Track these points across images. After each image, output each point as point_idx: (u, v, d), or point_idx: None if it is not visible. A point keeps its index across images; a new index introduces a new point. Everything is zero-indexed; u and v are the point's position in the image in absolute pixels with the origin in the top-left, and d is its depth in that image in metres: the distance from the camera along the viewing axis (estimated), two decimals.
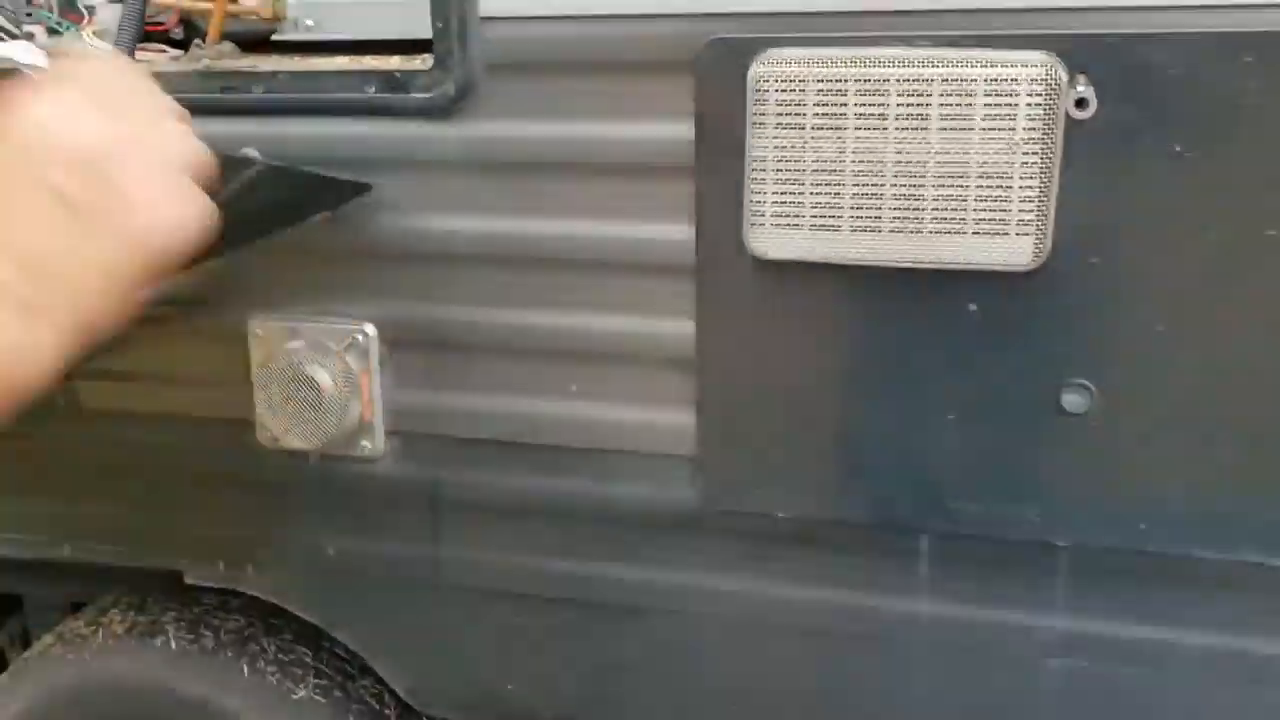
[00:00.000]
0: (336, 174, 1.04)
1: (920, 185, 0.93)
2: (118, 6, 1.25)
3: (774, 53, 0.94)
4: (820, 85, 0.93)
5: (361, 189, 1.05)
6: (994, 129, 0.90)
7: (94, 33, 1.23)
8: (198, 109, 1.10)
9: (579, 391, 1.10)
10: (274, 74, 1.09)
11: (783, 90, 0.93)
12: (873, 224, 0.95)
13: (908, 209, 0.93)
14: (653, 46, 0.98)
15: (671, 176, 1.01)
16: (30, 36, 1.26)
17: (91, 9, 1.26)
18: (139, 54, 1.24)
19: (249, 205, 0.90)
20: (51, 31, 1.27)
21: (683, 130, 0.99)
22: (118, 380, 1.22)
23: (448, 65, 1.03)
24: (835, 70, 0.92)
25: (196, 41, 1.19)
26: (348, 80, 1.07)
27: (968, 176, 0.91)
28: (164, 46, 1.28)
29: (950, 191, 0.92)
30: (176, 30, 1.30)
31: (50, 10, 1.29)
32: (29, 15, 1.30)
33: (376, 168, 1.07)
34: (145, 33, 1.28)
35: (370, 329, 1.12)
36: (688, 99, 0.98)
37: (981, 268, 0.93)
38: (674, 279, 1.04)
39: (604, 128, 1.02)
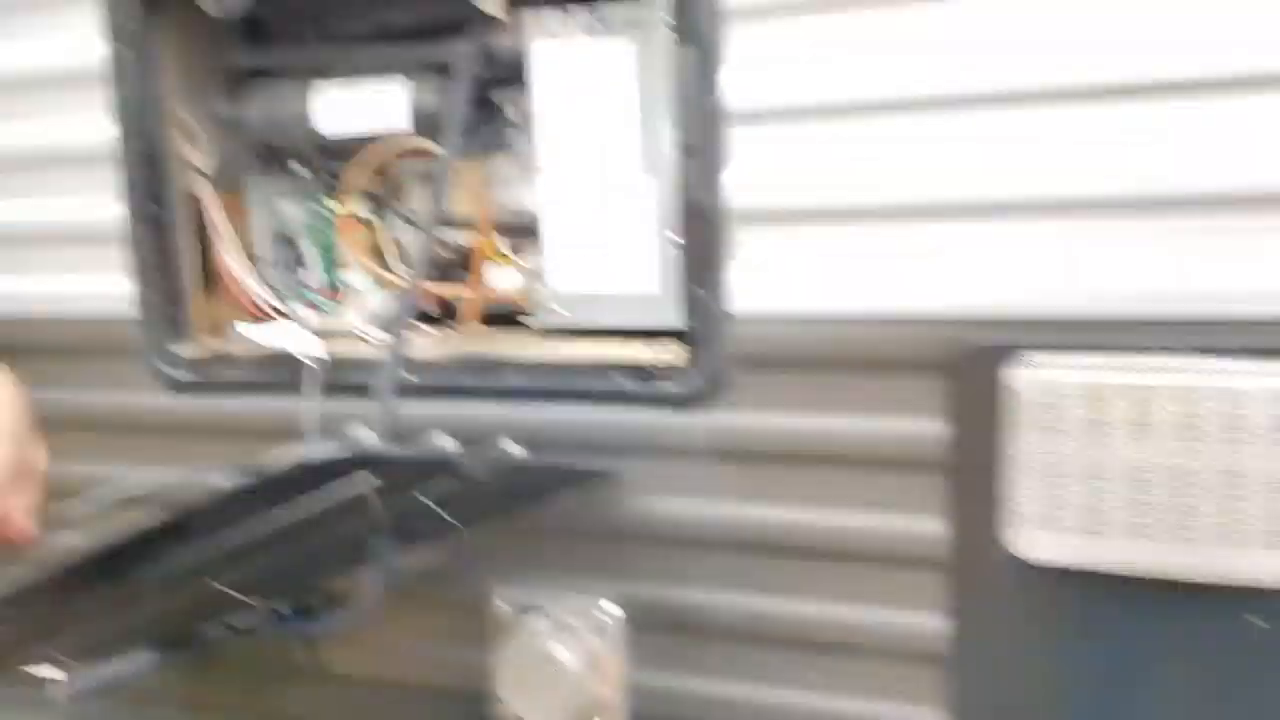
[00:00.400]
0: (582, 463, 1.07)
1: (1194, 495, 0.90)
2: (373, 288, 1.36)
3: (1034, 358, 0.94)
4: (1082, 392, 0.92)
5: (606, 476, 1.08)
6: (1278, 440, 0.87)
7: (356, 312, 1.32)
8: (454, 392, 1.19)
9: (820, 682, 1.08)
10: (528, 363, 1.15)
11: (1043, 396, 0.93)
12: (1142, 532, 0.92)
13: (1181, 518, 0.90)
14: (905, 347, 0.99)
15: (923, 471, 1.00)
16: (293, 316, 1.37)
17: (356, 289, 1.36)
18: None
19: (495, 489, 0.94)
20: (316, 310, 1.38)
21: (935, 427, 0.99)
22: (363, 646, 1.25)
23: (698, 360, 1.07)
24: (1097, 376, 0.91)
25: (451, 323, 1.27)
26: (600, 371, 1.12)
27: (1249, 488, 0.88)
28: (417, 323, 1.36)
29: (1231, 503, 0.89)
30: (431, 307, 1.38)
31: (314, 289, 1.40)
32: (294, 295, 1.41)
33: (624, 453, 1.11)
34: None
35: (613, 608, 1.13)
36: (941, 397, 0.98)
37: (1270, 585, 0.88)
38: (924, 572, 1.02)
39: (853, 422, 1.03)
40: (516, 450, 1.01)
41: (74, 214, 1.32)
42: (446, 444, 0.95)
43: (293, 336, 1.24)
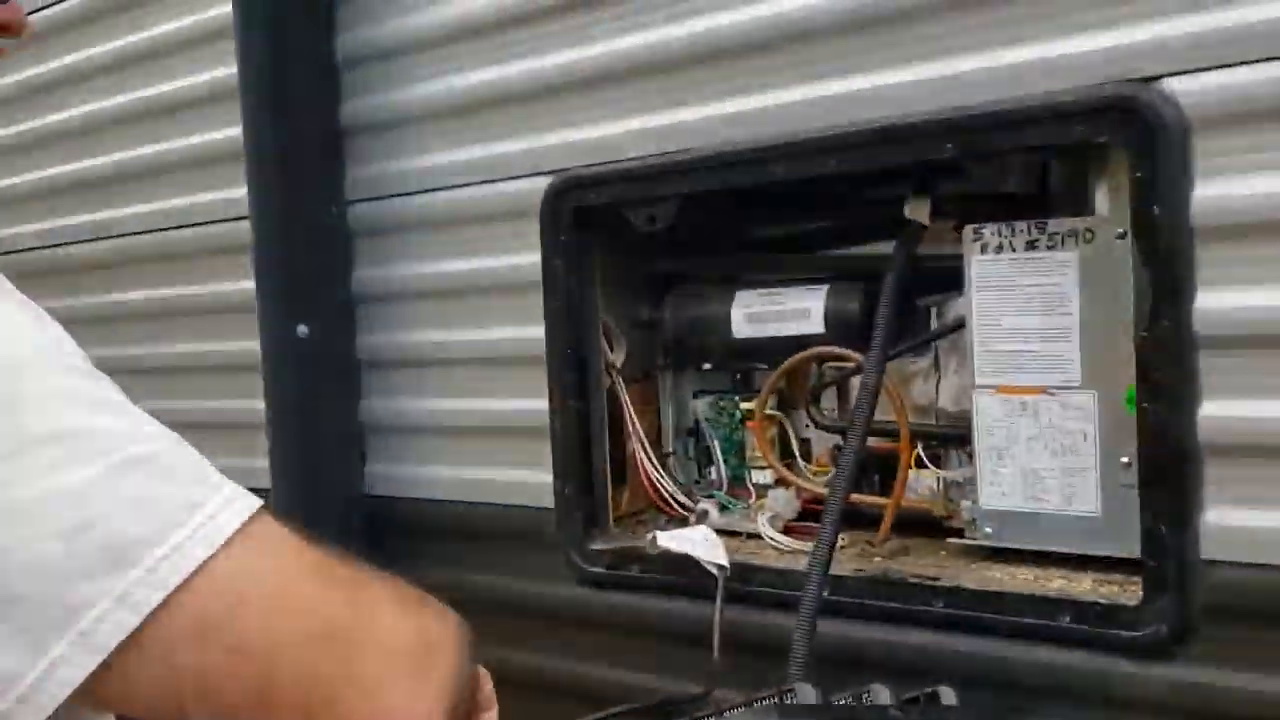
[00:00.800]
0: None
1: None
2: (780, 490, 1.34)
3: None
4: None
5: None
6: None
7: (764, 513, 1.31)
8: (876, 616, 1.13)
9: None
10: (957, 589, 1.08)
11: None
12: None
13: None
14: None
15: None
16: (704, 515, 1.38)
17: (762, 487, 1.36)
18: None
19: None
20: (722, 508, 1.38)
21: None
22: None
23: (1161, 605, 0.96)
24: None
25: (868, 540, 1.22)
26: (1039, 605, 1.03)
27: None
28: (815, 526, 1.33)
29: None
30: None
31: (720, 487, 1.41)
32: (701, 491, 1.42)
33: (1065, 700, 1.00)
34: (802, 509, 1.35)
35: None
36: None
37: None
38: None
39: None
40: (953, 700, 0.94)
41: (506, 407, 1.41)
42: (881, 696, 0.90)
43: (701, 544, 1.24)
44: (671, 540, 1.23)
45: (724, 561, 1.21)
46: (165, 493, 0.60)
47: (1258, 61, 0.90)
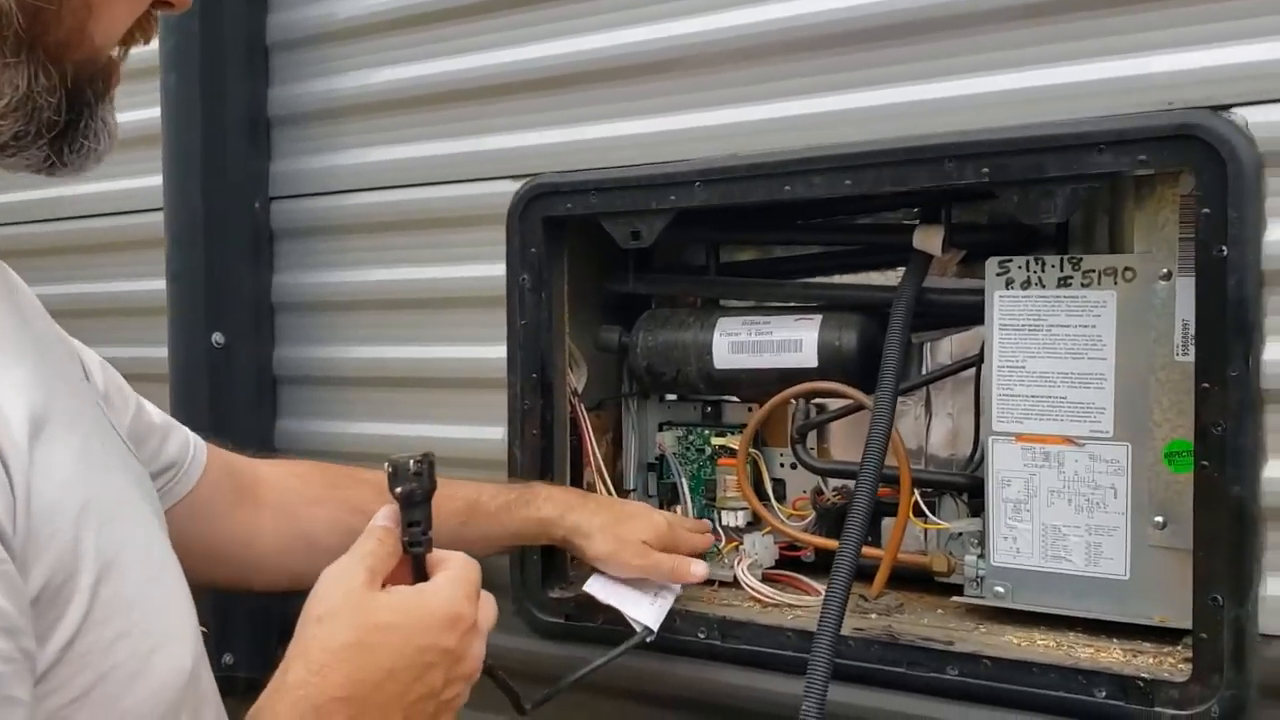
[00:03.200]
0: None
1: None
2: (758, 534, 1.23)
3: None
4: None
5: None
6: None
7: (743, 561, 1.20)
8: (876, 681, 1.03)
9: None
10: (976, 656, 0.98)
11: None
12: None
13: None
14: None
15: None
16: None
17: (737, 531, 1.24)
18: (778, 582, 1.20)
19: None
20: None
21: None
22: None
23: (1214, 682, 0.88)
24: None
25: (861, 595, 1.12)
26: (1070, 676, 0.94)
27: None
28: (795, 575, 1.23)
29: None
30: (808, 555, 1.25)
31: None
32: None
33: None
34: (779, 556, 1.24)
35: None
36: None
37: None
38: None
39: None
40: None
41: (455, 435, 1.27)
42: None
43: (632, 601, 1.11)
44: (602, 589, 1.11)
45: (652, 623, 1.09)
46: None
47: None
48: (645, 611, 1.10)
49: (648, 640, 1.09)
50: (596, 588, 1.11)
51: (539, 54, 1.18)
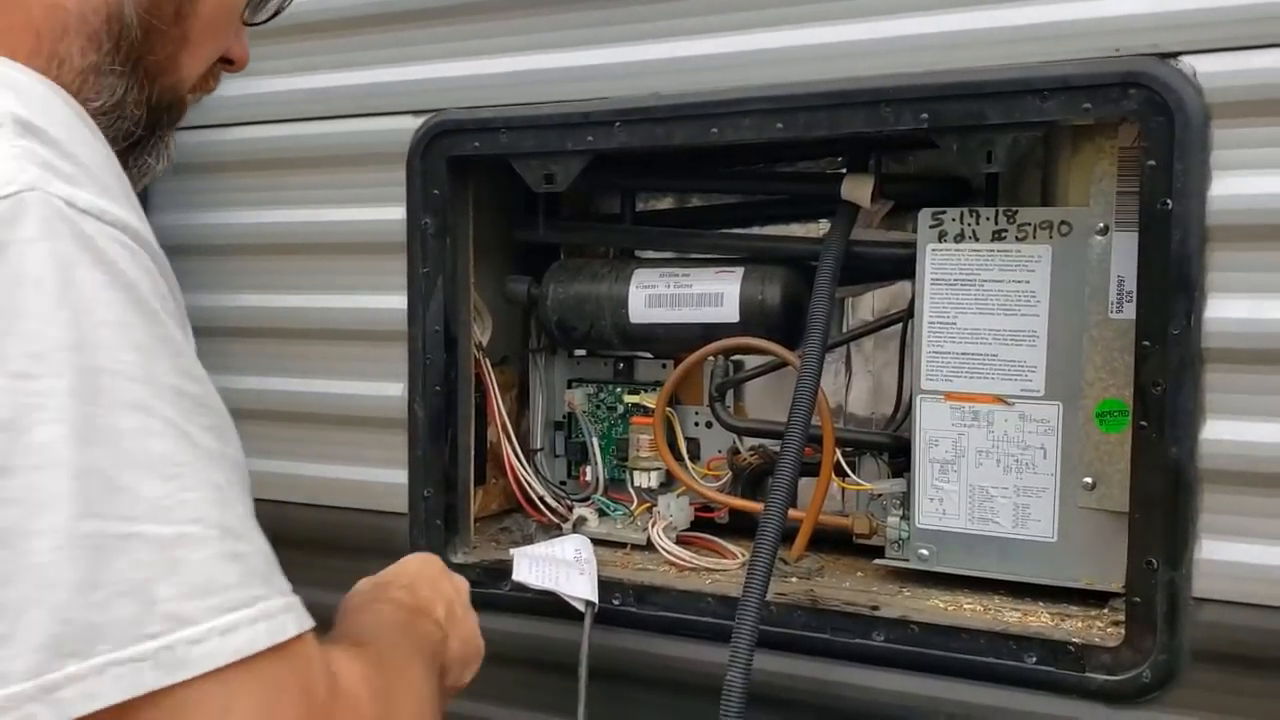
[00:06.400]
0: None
1: None
2: (673, 496, 1.18)
3: None
4: None
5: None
6: None
7: (659, 523, 1.14)
8: (801, 648, 0.99)
9: None
10: (903, 621, 0.95)
11: None
12: None
13: None
14: None
15: None
16: (582, 522, 1.20)
17: (650, 492, 1.19)
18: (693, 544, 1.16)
19: None
20: (600, 514, 1.21)
21: None
22: None
23: (1144, 647, 0.86)
24: None
25: (780, 558, 1.08)
26: (1000, 643, 0.91)
27: None
28: (711, 537, 1.18)
29: None
30: (722, 517, 1.21)
31: (597, 489, 1.23)
32: (573, 494, 1.24)
33: None
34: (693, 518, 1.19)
35: None
36: None
37: None
38: None
39: None
40: None
41: (352, 391, 1.18)
42: None
43: (566, 569, 1.06)
44: (531, 573, 1.05)
45: (591, 594, 1.04)
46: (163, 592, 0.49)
47: None
48: (579, 585, 1.04)
49: (594, 612, 1.03)
50: (526, 576, 1.06)
51: None
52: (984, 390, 0.99)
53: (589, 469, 1.24)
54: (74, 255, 0.50)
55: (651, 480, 1.20)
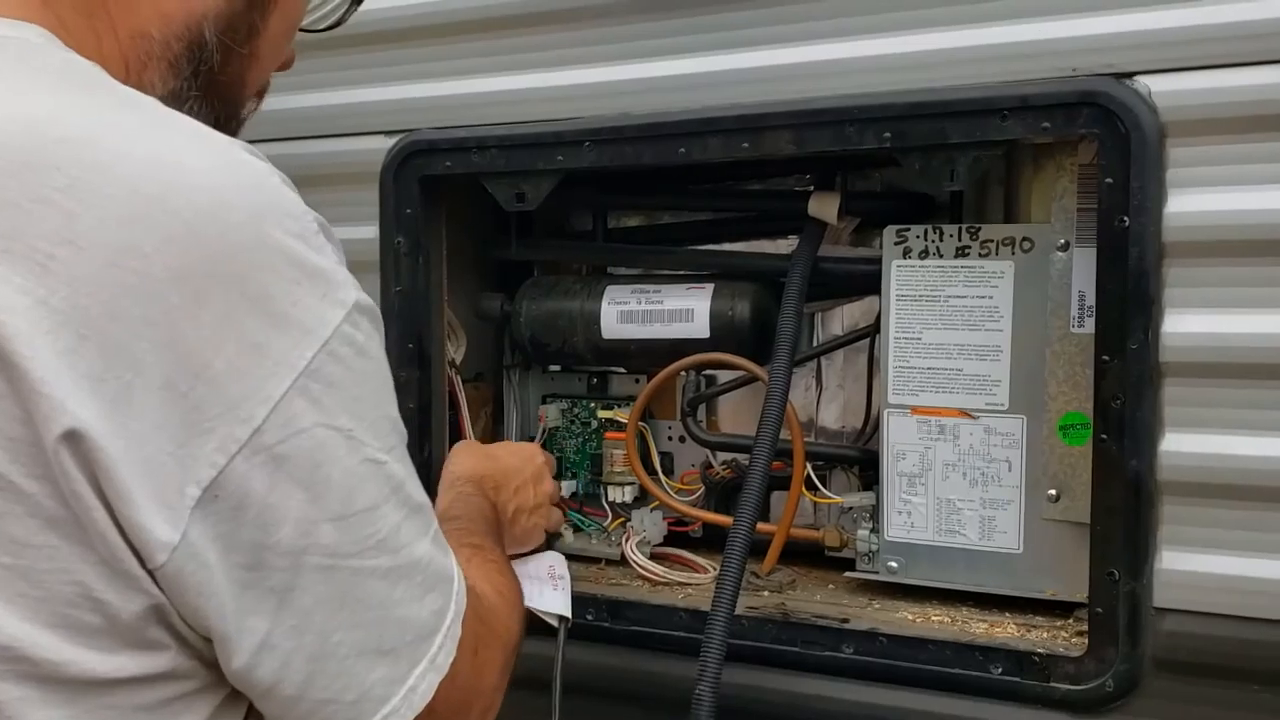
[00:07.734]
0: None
1: None
2: (647, 510, 1.19)
3: None
4: None
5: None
6: None
7: (632, 538, 1.15)
8: (771, 661, 1.00)
9: None
10: (872, 633, 0.96)
11: None
12: None
13: None
14: None
15: None
16: (557, 537, 1.20)
17: (624, 507, 1.19)
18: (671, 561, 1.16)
19: None
20: (575, 529, 1.21)
21: None
22: None
23: (1106, 657, 0.87)
24: None
25: (753, 572, 1.09)
26: (966, 654, 0.92)
27: None
28: (684, 552, 1.19)
29: None
30: (696, 531, 1.21)
31: (575, 508, 1.23)
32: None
33: None
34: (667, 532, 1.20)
35: None
36: None
37: None
38: None
39: None
40: None
41: None
42: None
43: (539, 584, 1.06)
44: None
45: (564, 609, 1.04)
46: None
47: (1246, 65, 0.82)
48: (553, 600, 1.05)
49: (568, 627, 1.03)
50: None
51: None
52: (950, 404, 1.00)
53: (563, 484, 1.25)
54: None
55: (625, 495, 1.21)
